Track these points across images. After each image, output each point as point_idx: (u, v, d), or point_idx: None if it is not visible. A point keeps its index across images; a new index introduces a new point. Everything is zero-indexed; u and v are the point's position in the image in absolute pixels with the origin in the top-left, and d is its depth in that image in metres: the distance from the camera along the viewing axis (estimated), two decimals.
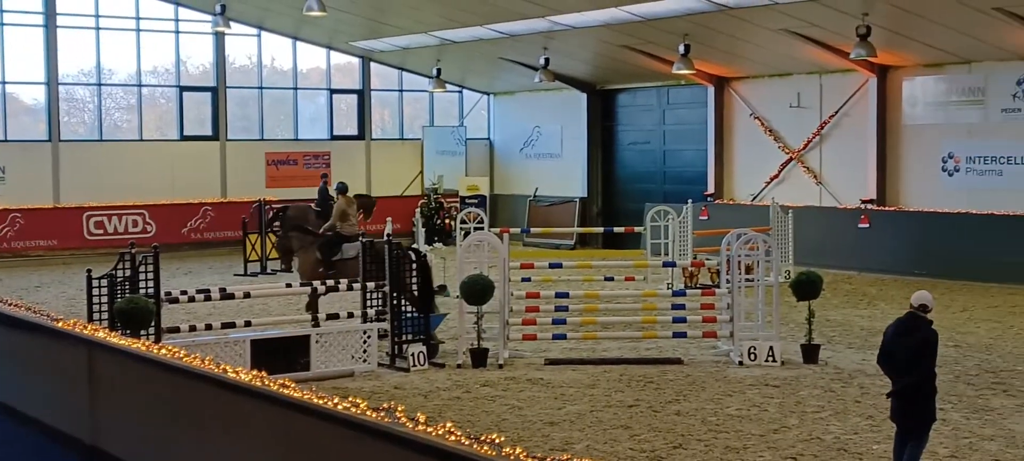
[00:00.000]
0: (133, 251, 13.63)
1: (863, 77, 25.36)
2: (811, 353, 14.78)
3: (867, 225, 24.44)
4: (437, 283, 17.25)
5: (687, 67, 25.68)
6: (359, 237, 17.44)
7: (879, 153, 25.25)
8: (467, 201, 31.02)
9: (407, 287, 15.02)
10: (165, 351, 7.90)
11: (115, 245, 24.69)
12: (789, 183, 27.11)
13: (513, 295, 15.64)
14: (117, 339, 8.48)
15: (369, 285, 15.20)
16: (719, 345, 15.65)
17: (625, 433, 11.37)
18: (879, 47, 22.69)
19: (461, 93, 34.99)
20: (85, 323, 9.99)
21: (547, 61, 28.69)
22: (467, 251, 16.03)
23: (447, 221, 30.52)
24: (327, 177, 29.31)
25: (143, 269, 13.47)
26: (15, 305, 10.39)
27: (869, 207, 24.88)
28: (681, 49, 25.22)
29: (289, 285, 16.72)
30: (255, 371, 7.22)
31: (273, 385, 6.50)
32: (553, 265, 17.56)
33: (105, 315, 13.06)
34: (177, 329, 14.23)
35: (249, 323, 14.98)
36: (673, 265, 20.08)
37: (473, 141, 34.44)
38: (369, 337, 14.55)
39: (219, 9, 27.41)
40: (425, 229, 24.73)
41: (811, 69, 26.33)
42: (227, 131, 31.24)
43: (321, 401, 6.03)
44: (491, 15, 25.93)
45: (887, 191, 25.29)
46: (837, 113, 26.16)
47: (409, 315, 14.98)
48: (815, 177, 26.72)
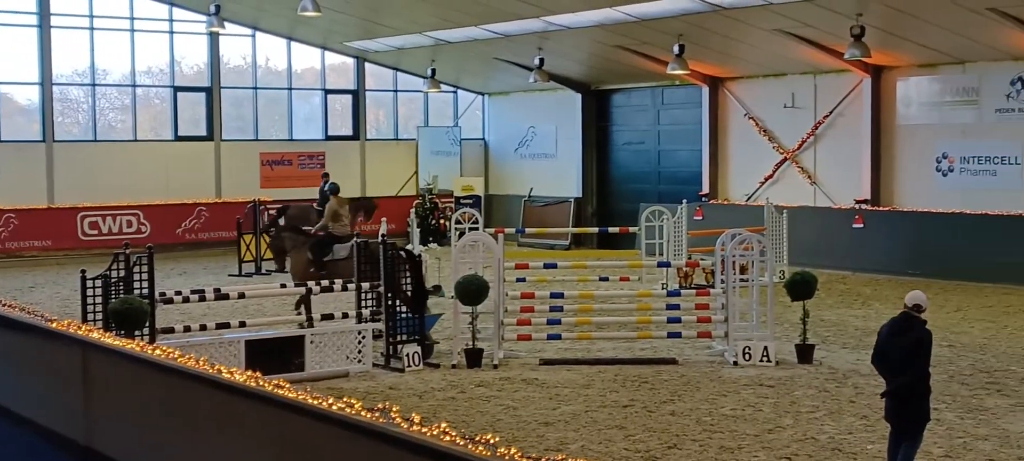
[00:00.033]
0: (127, 251, 13.61)
1: (857, 77, 25.39)
2: (806, 353, 14.80)
3: (861, 225, 24.46)
4: (432, 284, 17.25)
5: (681, 67, 25.70)
6: (351, 238, 17.46)
7: (873, 153, 25.28)
8: (462, 201, 31.01)
9: (400, 287, 15.02)
10: (159, 352, 7.90)
11: (109, 245, 24.65)
12: (783, 183, 27.13)
13: (508, 295, 15.64)
14: (111, 340, 8.47)
15: (363, 285, 15.20)
16: (714, 345, 15.66)
17: (620, 433, 11.38)
18: (873, 47, 22.72)
19: (456, 93, 34.98)
20: (79, 324, 9.97)
21: (542, 61, 28.71)
22: (462, 251, 16.03)
23: (442, 221, 30.52)
24: (328, 176, 29.39)
25: (137, 270, 13.45)
26: (9, 306, 10.38)
27: (863, 207, 24.90)
28: (675, 49, 25.24)
29: (284, 285, 16.69)
30: (249, 372, 7.21)
31: (268, 385, 6.50)
32: (548, 265, 17.55)
33: (99, 316, 13.04)
34: (171, 330, 14.23)
35: (244, 324, 14.96)
36: (668, 265, 20.10)
37: (468, 141, 34.42)
38: (364, 337, 14.55)
39: (213, 9, 27.39)
40: (420, 229, 24.72)
41: (805, 69, 26.36)
42: (221, 131, 31.21)
43: (316, 401, 6.03)
44: (485, 15, 25.92)
45: (881, 191, 25.33)
46: (831, 113, 26.20)
47: (403, 315, 14.98)
48: (809, 177, 26.75)
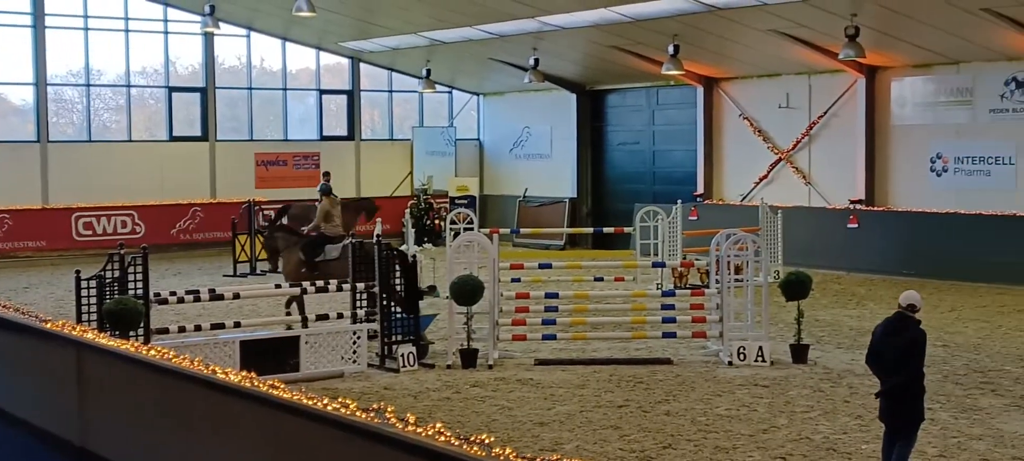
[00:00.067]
0: (122, 252, 13.60)
1: (852, 78, 25.42)
2: (800, 353, 14.81)
3: (856, 225, 24.49)
4: (427, 284, 17.23)
5: (676, 68, 25.71)
6: (342, 238, 17.50)
7: (868, 153, 25.31)
8: (457, 202, 31.00)
9: (393, 287, 15.01)
10: (154, 352, 7.90)
11: (104, 246, 24.64)
12: (778, 183, 27.15)
13: (503, 295, 15.65)
14: (106, 340, 8.46)
15: (358, 286, 15.19)
16: (708, 345, 15.67)
17: (615, 433, 11.38)
18: (867, 48, 22.75)
19: (451, 94, 34.98)
20: (74, 324, 9.97)
21: (536, 62, 28.71)
22: (457, 252, 16.03)
23: (437, 222, 30.51)
24: (329, 175, 29.45)
25: (132, 270, 13.44)
26: (3, 306, 10.37)
27: (858, 207, 24.93)
28: (670, 50, 25.25)
29: (278, 286, 16.69)
30: (244, 372, 7.21)
31: (262, 386, 6.50)
32: (543, 265, 17.56)
33: (94, 316, 13.03)
34: (166, 330, 14.21)
35: (238, 324, 14.96)
36: (663, 265, 20.10)
37: (463, 142, 34.42)
38: (359, 338, 14.55)
39: (208, 9, 27.37)
40: (415, 230, 24.70)
41: (800, 70, 26.39)
42: (216, 132, 31.18)
43: (311, 402, 6.03)
44: (481, 16, 25.93)
45: (876, 191, 25.36)
46: (826, 113, 26.22)
47: (398, 316, 14.98)
48: (804, 177, 26.77)
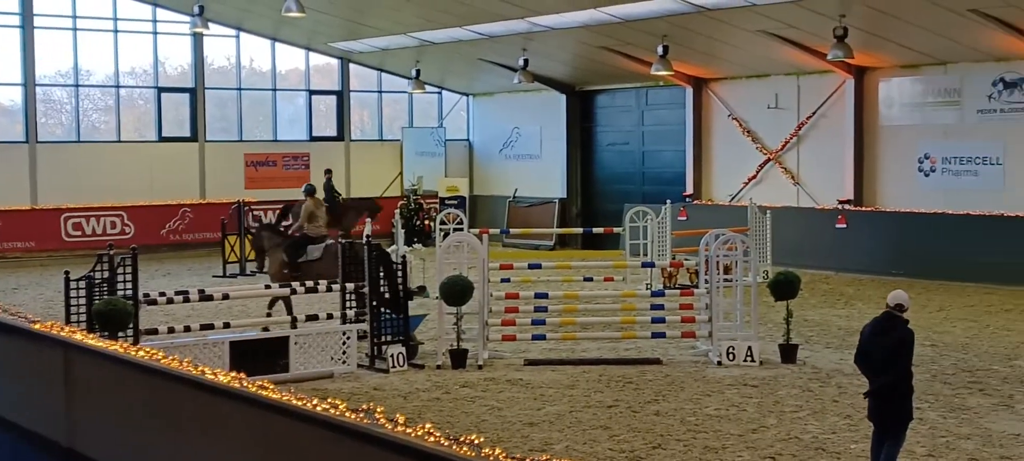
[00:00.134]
0: (111, 253, 13.58)
1: (840, 78, 25.48)
2: (789, 353, 14.84)
3: (844, 225, 24.55)
4: (417, 284, 17.24)
5: (665, 68, 25.74)
6: (325, 238, 17.53)
7: (856, 154, 25.37)
8: (446, 202, 31.00)
9: (377, 287, 14.99)
10: (143, 353, 7.88)
11: (93, 247, 24.55)
12: (767, 184, 27.21)
13: (492, 296, 15.64)
14: (95, 341, 8.45)
15: (346, 286, 15.18)
16: (698, 345, 15.69)
17: (604, 433, 11.39)
18: (856, 48, 22.81)
19: (440, 94, 34.98)
20: (62, 325, 9.94)
21: (526, 62, 28.73)
22: (446, 252, 16.03)
23: (427, 222, 30.50)
24: (330, 173, 29.45)
25: (121, 271, 13.42)
26: None
27: (846, 207, 24.99)
28: (659, 50, 25.29)
29: (268, 286, 16.68)
30: (234, 373, 7.21)
31: (252, 387, 6.50)
32: (532, 266, 17.57)
33: (83, 317, 13.00)
34: (155, 331, 14.20)
35: (228, 325, 14.94)
36: (652, 265, 20.12)
37: (452, 142, 34.42)
38: (348, 338, 14.54)
39: (197, 10, 27.31)
40: (405, 230, 24.70)
41: (788, 70, 26.44)
42: (206, 132, 31.13)
43: (300, 402, 6.03)
44: (470, 16, 25.92)
45: (864, 192, 25.42)
46: (814, 114, 26.28)
47: (387, 316, 14.98)
48: (793, 178, 26.83)
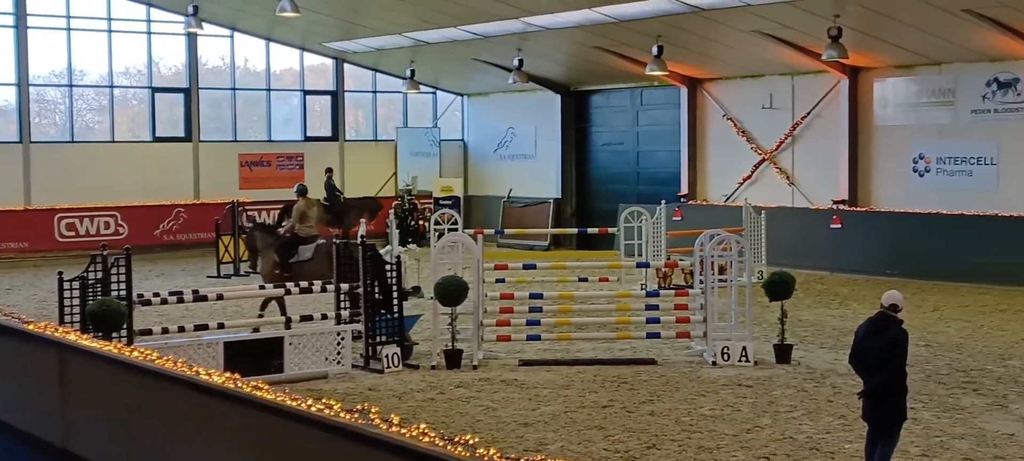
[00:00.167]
0: (105, 253, 13.55)
1: (835, 78, 25.50)
2: (784, 353, 14.85)
3: (839, 225, 24.57)
4: (412, 285, 17.22)
5: (660, 68, 25.75)
6: (316, 239, 17.53)
7: (851, 154, 25.39)
8: (441, 202, 31.00)
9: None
10: (137, 354, 7.87)
11: (87, 247, 24.53)
12: (762, 184, 27.22)
13: (487, 296, 15.64)
14: (89, 341, 8.44)
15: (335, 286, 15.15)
16: (692, 345, 15.70)
17: (599, 434, 11.39)
18: (850, 49, 22.83)
19: (435, 94, 34.96)
20: (56, 326, 9.92)
21: (521, 62, 28.72)
22: (441, 252, 16.02)
23: (421, 222, 30.49)
24: (331, 172, 29.43)
25: (115, 271, 13.39)
26: None
27: (841, 208, 25.01)
28: (654, 50, 25.29)
29: (262, 287, 16.66)
30: (228, 373, 7.20)
31: (246, 387, 6.49)
32: (527, 266, 17.55)
33: (77, 317, 12.98)
34: (149, 331, 14.17)
35: (222, 325, 14.92)
36: (647, 266, 20.13)
37: (447, 142, 34.40)
38: (343, 339, 14.53)
39: (191, 10, 27.27)
40: (399, 230, 24.68)
41: (783, 70, 26.45)
42: (200, 132, 31.09)
43: (294, 403, 6.02)
44: (464, 16, 25.91)
45: (859, 192, 25.44)
46: (809, 114, 26.30)
47: (382, 316, 14.96)
48: (787, 178, 26.85)
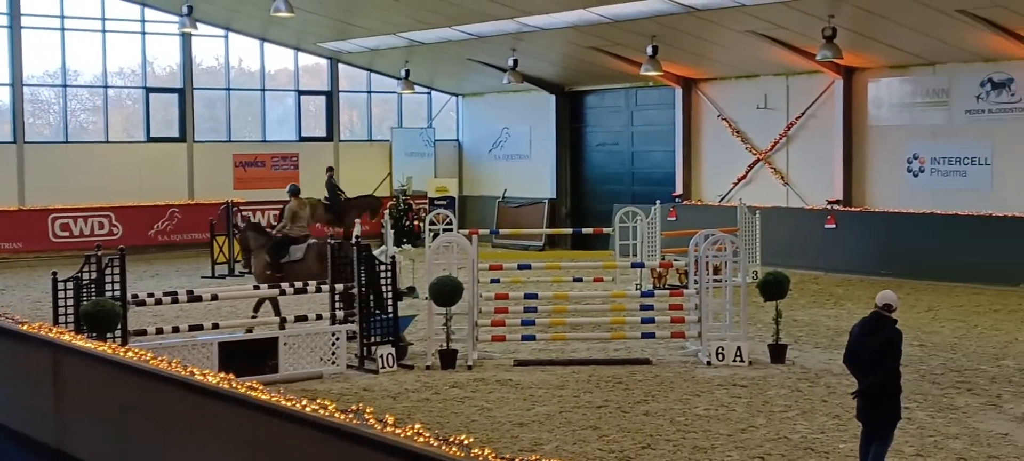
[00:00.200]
0: (99, 253, 13.54)
1: (829, 79, 25.53)
2: (778, 353, 14.87)
3: (833, 226, 24.60)
4: (406, 285, 17.22)
5: (655, 68, 25.76)
6: (307, 238, 17.53)
7: (845, 154, 25.42)
8: (436, 203, 31.00)
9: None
10: (132, 354, 7.86)
11: (81, 247, 24.46)
12: (756, 184, 27.25)
13: (482, 296, 15.64)
14: (83, 342, 8.43)
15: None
16: (687, 345, 15.71)
17: (594, 434, 11.40)
18: (845, 49, 22.86)
19: (429, 94, 34.95)
20: (50, 326, 9.91)
21: (515, 62, 28.73)
22: (436, 253, 16.02)
23: (416, 223, 30.49)
24: (333, 171, 29.42)
25: (109, 271, 13.37)
26: None
27: (835, 208, 25.04)
28: (649, 50, 25.30)
29: (257, 287, 16.65)
30: (223, 374, 7.19)
31: (241, 388, 6.49)
32: (522, 266, 17.54)
33: (71, 318, 12.96)
34: (144, 332, 14.15)
35: (217, 325, 14.90)
36: (641, 266, 20.14)
37: (442, 142, 34.40)
38: (338, 339, 14.52)
39: (186, 10, 27.25)
40: (394, 231, 24.69)
41: (778, 71, 26.48)
42: (194, 132, 31.06)
43: (289, 403, 6.02)
44: (459, 16, 25.91)
45: (853, 192, 25.47)
46: (803, 114, 26.32)
47: (377, 316, 14.96)
48: (782, 178, 26.87)
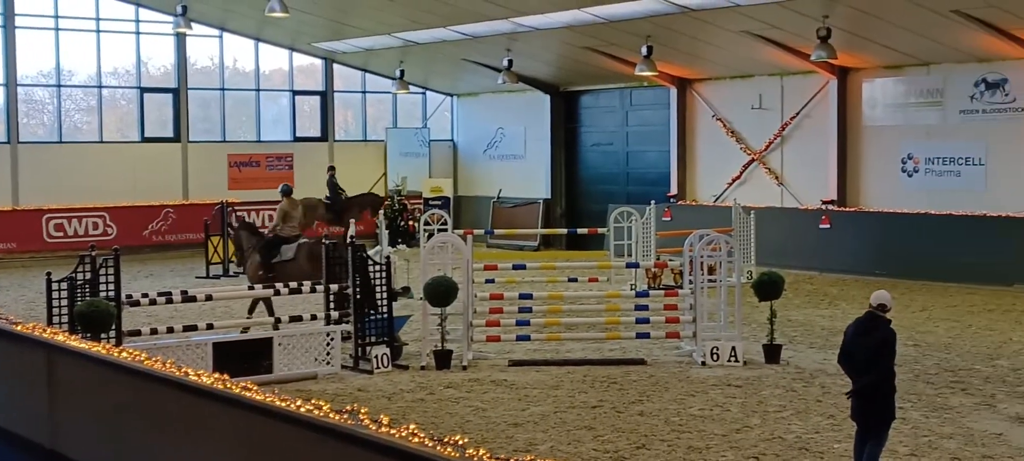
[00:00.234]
0: (93, 253, 13.52)
1: (823, 79, 25.56)
2: (773, 353, 14.88)
3: (828, 226, 24.63)
4: (401, 285, 17.21)
5: (649, 69, 25.77)
6: (298, 238, 17.52)
7: (839, 154, 25.45)
8: (431, 203, 30.99)
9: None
10: (126, 354, 7.86)
11: (75, 248, 24.47)
12: (751, 184, 27.27)
13: (477, 296, 15.65)
14: (77, 342, 8.42)
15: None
16: (682, 345, 15.71)
17: (589, 434, 11.40)
18: (839, 49, 22.88)
19: (424, 95, 34.94)
20: (44, 326, 9.90)
21: (510, 62, 28.72)
22: (431, 253, 16.02)
23: (411, 223, 30.48)
24: (334, 170, 29.45)
25: (103, 272, 13.36)
26: None
27: (830, 208, 25.06)
28: (643, 51, 25.31)
29: (251, 287, 16.63)
30: (217, 374, 7.19)
31: (235, 388, 6.48)
32: (517, 266, 17.56)
33: (65, 318, 12.94)
34: (138, 332, 14.12)
35: (211, 326, 14.89)
36: (636, 266, 20.14)
37: (437, 142, 34.40)
38: (332, 339, 14.51)
39: (180, 10, 27.22)
40: (389, 231, 24.68)
41: (772, 71, 26.50)
42: (189, 133, 31.03)
43: (284, 404, 6.02)
44: (454, 16, 25.90)
45: (847, 192, 25.50)
46: (798, 114, 26.35)
47: (371, 317, 14.95)
48: (777, 178, 26.89)
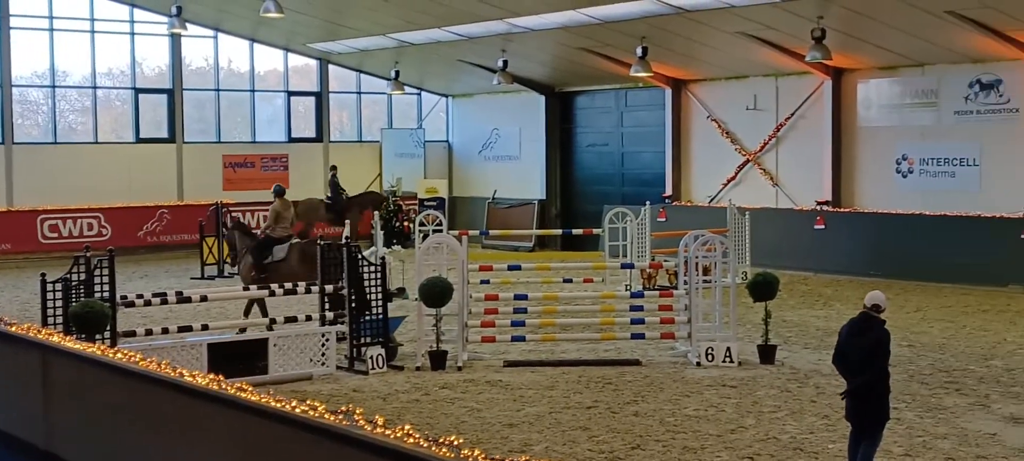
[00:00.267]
0: (88, 254, 13.51)
1: (818, 79, 25.59)
2: (768, 353, 14.89)
3: (823, 226, 24.65)
4: (396, 286, 17.21)
5: (645, 69, 25.80)
6: (290, 238, 17.53)
7: (834, 155, 25.48)
8: (426, 203, 30.99)
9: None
10: (121, 355, 7.85)
11: (70, 248, 24.45)
12: (746, 185, 27.29)
13: (472, 297, 15.64)
14: (72, 343, 8.42)
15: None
16: (677, 346, 15.72)
17: (584, 434, 11.41)
18: (834, 50, 22.91)
19: (419, 95, 34.94)
20: (39, 328, 9.89)
21: (505, 63, 28.73)
22: (426, 253, 16.02)
23: (406, 224, 30.48)
24: (336, 169, 29.41)
25: (98, 273, 13.35)
26: None
27: (824, 208, 25.09)
28: (639, 52, 25.33)
29: (247, 288, 16.62)
30: (212, 375, 7.19)
31: (230, 389, 6.48)
32: (512, 267, 17.55)
33: (60, 319, 12.93)
34: (133, 333, 14.12)
35: (206, 327, 14.89)
36: (631, 267, 20.15)
37: (432, 143, 34.39)
38: (327, 340, 14.51)
39: (175, 10, 27.20)
40: (384, 232, 24.68)
41: (767, 71, 26.53)
42: (183, 133, 31.01)
43: (279, 404, 6.02)
44: (449, 17, 25.90)
45: (842, 193, 25.53)
46: (793, 115, 26.38)
47: (366, 317, 14.95)
48: (771, 179, 26.92)
